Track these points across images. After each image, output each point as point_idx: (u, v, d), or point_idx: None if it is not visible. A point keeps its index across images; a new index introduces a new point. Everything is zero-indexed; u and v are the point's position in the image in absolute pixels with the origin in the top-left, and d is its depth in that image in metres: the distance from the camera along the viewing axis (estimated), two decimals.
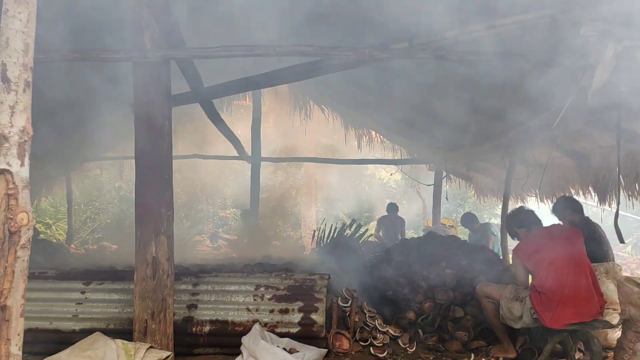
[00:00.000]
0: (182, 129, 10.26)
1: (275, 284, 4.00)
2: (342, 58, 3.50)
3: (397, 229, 9.58)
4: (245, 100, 11.33)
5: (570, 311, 3.45)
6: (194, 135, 10.60)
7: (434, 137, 7.43)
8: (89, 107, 6.37)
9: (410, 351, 4.06)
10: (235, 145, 8.56)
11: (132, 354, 3.05)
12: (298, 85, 9.42)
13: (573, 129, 5.11)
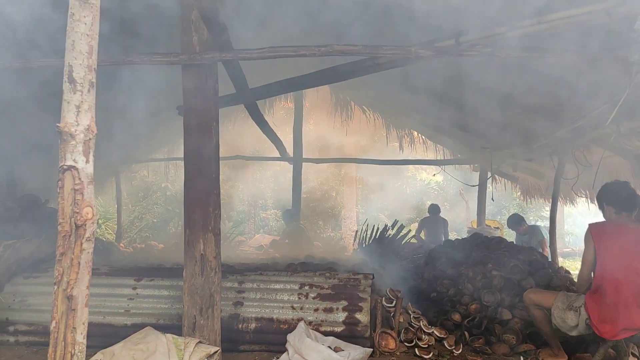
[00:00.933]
0: (224, 130, 10.45)
1: (320, 283, 4.02)
2: (388, 57, 3.50)
3: (440, 230, 9.46)
4: (286, 102, 11.45)
5: (630, 323, 3.28)
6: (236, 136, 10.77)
7: (478, 137, 7.29)
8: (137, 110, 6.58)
9: (456, 353, 3.99)
10: (277, 146, 8.67)
11: (182, 348, 3.14)
12: (339, 86, 9.42)
13: (626, 127, 4.91)
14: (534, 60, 3.96)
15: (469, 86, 5.47)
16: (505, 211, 18.42)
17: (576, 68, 3.85)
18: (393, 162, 10.29)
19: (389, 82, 6.97)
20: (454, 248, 5.82)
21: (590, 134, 4.94)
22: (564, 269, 5.25)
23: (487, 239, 5.71)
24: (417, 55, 3.25)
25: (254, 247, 10.21)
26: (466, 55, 3.20)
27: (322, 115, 11.51)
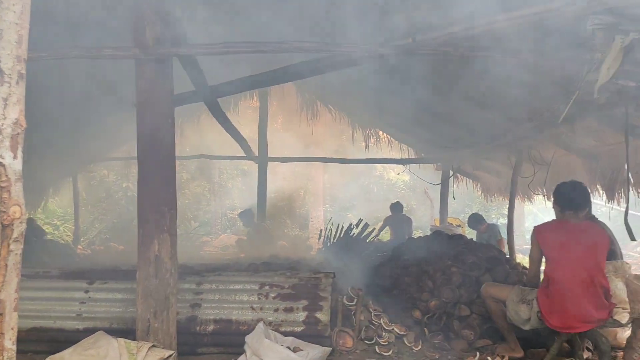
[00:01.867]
0: (188, 129, 10.28)
1: (280, 283, 3.98)
2: (346, 55, 3.48)
3: (404, 228, 9.52)
4: (252, 101, 11.33)
5: (578, 317, 3.37)
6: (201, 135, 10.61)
7: (440, 136, 7.39)
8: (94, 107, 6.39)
9: (415, 350, 4.02)
10: (242, 145, 8.56)
11: (135, 352, 3.05)
12: (305, 86, 9.41)
13: (580, 126, 5.05)
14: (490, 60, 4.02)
15: (429, 86, 5.53)
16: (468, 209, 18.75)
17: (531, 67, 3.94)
18: (359, 161, 10.33)
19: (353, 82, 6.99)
20: (416, 246, 5.87)
21: (545, 133, 5.05)
22: (522, 265, 5.35)
23: (448, 237, 5.78)
24: (375, 52, 3.25)
25: (219, 247, 10.08)
26: (423, 53, 3.21)
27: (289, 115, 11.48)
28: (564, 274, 3.43)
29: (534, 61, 3.36)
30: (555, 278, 3.46)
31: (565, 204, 3.59)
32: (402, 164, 10.36)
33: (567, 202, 3.58)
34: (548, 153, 5.82)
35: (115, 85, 5.99)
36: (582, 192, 3.65)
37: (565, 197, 3.59)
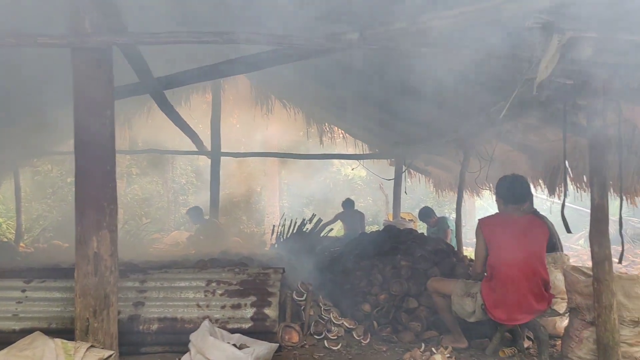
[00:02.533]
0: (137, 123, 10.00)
1: (228, 279, 3.91)
2: (294, 47, 3.45)
3: (356, 223, 9.59)
4: (207, 95, 11.12)
5: (519, 309, 3.48)
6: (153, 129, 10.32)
7: (392, 132, 7.48)
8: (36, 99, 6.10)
9: (364, 343, 4.05)
10: (193, 140, 8.40)
11: (72, 353, 2.93)
12: (259, 79, 9.31)
13: (523, 123, 5.21)
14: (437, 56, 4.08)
15: (380, 82, 5.57)
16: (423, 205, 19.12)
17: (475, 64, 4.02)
18: (313, 156, 10.33)
19: (307, 77, 6.97)
20: (368, 240, 5.91)
21: (491, 130, 5.19)
22: (468, 257, 5.49)
23: (399, 231, 5.85)
24: (324, 46, 3.24)
25: (171, 244, 9.85)
26: (370, 48, 3.22)
27: (243, 109, 11.33)
28: (507, 266, 3.54)
29: (477, 58, 3.42)
30: (498, 270, 3.56)
31: (507, 197, 3.70)
32: (356, 159, 10.42)
33: (509, 195, 3.69)
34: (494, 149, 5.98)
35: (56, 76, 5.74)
36: (522, 186, 3.76)
37: (507, 191, 3.70)
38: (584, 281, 3.51)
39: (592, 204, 3.35)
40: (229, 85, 10.10)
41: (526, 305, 3.49)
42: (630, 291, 3.39)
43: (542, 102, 4.28)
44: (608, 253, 3.30)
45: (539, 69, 3.03)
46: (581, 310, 3.54)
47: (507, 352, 3.82)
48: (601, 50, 3.07)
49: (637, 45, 2.97)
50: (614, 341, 3.22)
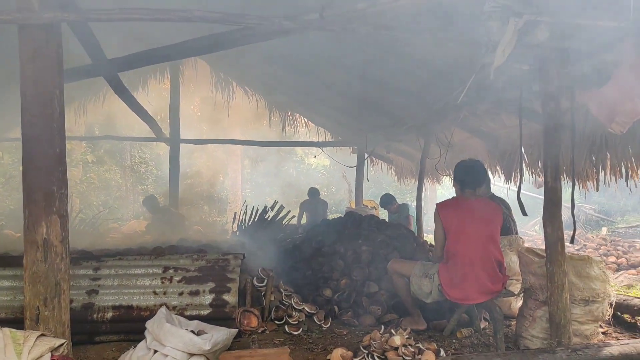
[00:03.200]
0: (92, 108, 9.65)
1: (186, 266, 3.83)
2: (252, 28, 3.37)
3: (319, 211, 9.63)
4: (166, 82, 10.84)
5: (475, 290, 3.55)
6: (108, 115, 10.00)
7: (354, 119, 7.48)
8: None
9: (325, 327, 4.06)
10: (151, 126, 8.18)
11: (21, 342, 2.80)
12: (219, 65, 9.13)
13: (481, 110, 5.31)
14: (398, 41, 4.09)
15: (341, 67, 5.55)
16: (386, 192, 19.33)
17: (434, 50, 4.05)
18: (275, 144, 10.24)
19: (268, 62, 6.87)
20: (330, 227, 5.93)
21: (450, 116, 5.26)
22: (428, 242, 5.58)
23: (360, 217, 5.88)
24: (282, 27, 3.18)
25: (129, 233, 9.59)
26: (329, 29, 3.18)
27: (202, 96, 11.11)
28: (463, 248, 3.60)
29: (436, 41, 3.44)
30: (454, 252, 3.62)
31: (464, 181, 3.75)
32: (318, 146, 10.40)
33: (466, 179, 3.75)
34: (453, 135, 6.07)
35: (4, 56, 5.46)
36: (478, 170, 3.83)
37: (464, 175, 3.76)
38: (537, 262, 3.61)
39: (546, 187, 3.43)
40: (188, 69, 9.87)
41: (481, 285, 3.56)
42: (581, 271, 3.51)
43: (499, 89, 4.36)
44: (560, 235, 3.39)
45: (496, 54, 3.07)
46: (535, 291, 3.65)
47: (464, 333, 3.90)
48: (556, 35, 3.14)
49: (590, 30, 3.04)
50: (565, 320, 3.32)
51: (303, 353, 3.42)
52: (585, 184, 4.60)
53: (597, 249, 9.30)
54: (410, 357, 3.05)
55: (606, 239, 10.55)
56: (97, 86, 8.90)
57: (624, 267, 8.17)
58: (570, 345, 3.21)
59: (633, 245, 9.22)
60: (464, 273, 3.55)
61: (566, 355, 3.04)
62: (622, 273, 7.70)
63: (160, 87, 10.76)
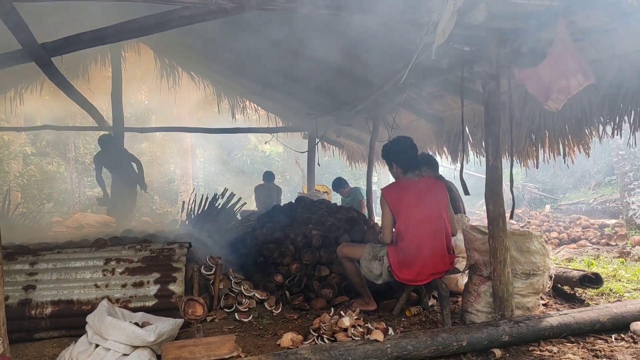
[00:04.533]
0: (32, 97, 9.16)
1: (129, 257, 3.71)
2: (190, 7, 3.26)
3: (273, 197, 9.57)
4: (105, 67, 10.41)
5: (423, 270, 3.60)
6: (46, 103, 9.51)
7: (303, 103, 7.42)
8: None
9: (276, 313, 4.04)
10: (92, 114, 7.85)
11: None
12: (164, 51, 8.85)
13: (426, 91, 5.37)
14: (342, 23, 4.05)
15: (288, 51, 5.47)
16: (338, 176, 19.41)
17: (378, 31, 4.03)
18: (224, 130, 10.03)
19: (213, 47, 6.69)
20: (281, 212, 5.89)
21: (397, 98, 5.29)
22: (379, 225, 5.62)
23: (311, 202, 5.86)
24: (219, 6, 3.09)
25: (74, 226, 9.22)
26: (269, 8, 3.10)
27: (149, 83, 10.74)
28: (412, 230, 3.63)
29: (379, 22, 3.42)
30: (404, 235, 3.65)
31: (408, 164, 3.76)
32: (269, 132, 10.29)
33: (411, 162, 3.76)
34: (400, 118, 6.12)
35: None
36: (416, 149, 3.84)
37: (408, 158, 3.76)
38: (480, 239, 3.70)
39: (487, 166, 3.51)
40: (131, 55, 9.51)
41: (430, 266, 3.61)
42: (522, 246, 3.62)
43: (443, 70, 4.41)
44: (502, 211, 3.49)
45: (437, 34, 3.08)
46: (479, 267, 3.74)
47: (413, 311, 3.97)
48: (494, 16, 3.19)
49: (525, 10, 3.10)
50: (508, 293, 3.43)
51: (253, 339, 3.39)
52: (526, 162, 4.74)
53: (540, 226, 9.69)
54: (360, 337, 3.07)
55: (549, 215, 11.01)
56: (35, 73, 8.44)
57: (565, 242, 8.56)
58: (512, 317, 3.33)
59: (573, 221, 9.67)
60: (413, 255, 3.58)
61: (509, 327, 3.15)
62: (564, 247, 8.06)
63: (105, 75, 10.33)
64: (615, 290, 4.61)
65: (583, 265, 6.14)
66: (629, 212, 8.89)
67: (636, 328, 3.35)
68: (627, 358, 2.92)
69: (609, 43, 3.33)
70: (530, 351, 3.07)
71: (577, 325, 3.30)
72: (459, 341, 2.99)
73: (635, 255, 6.69)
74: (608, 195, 13.16)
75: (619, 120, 3.64)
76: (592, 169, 15.44)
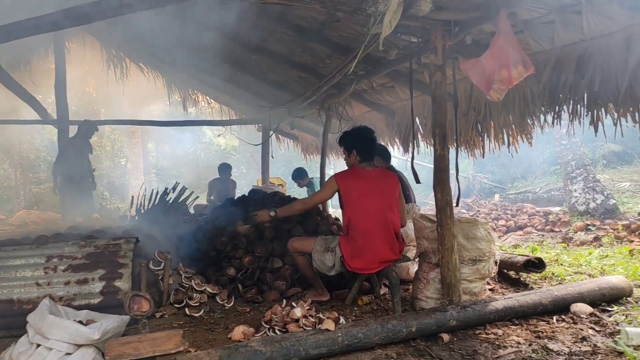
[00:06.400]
0: None
1: (72, 253, 3.57)
2: None
3: (228, 191, 9.42)
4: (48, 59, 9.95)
5: (374, 259, 3.64)
6: None
7: (255, 95, 7.35)
8: None
9: (228, 306, 3.99)
10: (34, 107, 7.50)
11: None
12: (109, 41, 8.55)
13: (378, 83, 5.41)
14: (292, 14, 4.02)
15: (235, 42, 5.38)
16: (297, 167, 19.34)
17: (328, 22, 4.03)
18: (176, 123, 9.81)
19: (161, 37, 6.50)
20: (234, 205, 5.81)
21: (349, 90, 5.31)
22: (333, 217, 5.64)
23: (265, 194, 5.82)
24: None
25: (17, 224, 8.83)
26: None
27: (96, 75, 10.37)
28: (363, 220, 3.66)
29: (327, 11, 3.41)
30: (355, 223, 3.67)
31: (366, 154, 3.80)
32: (221, 125, 10.13)
33: (368, 152, 3.80)
34: (353, 110, 6.15)
35: None
36: (374, 139, 3.88)
37: (366, 147, 3.80)
38: (429, 227, 3.78)
39: (435, 155, 3.58)
40: (76, 46, 9.14)
41: (381, 255, 3.66)
42: (469, 233, 3.72)
43: (392, 62, 4.46)
44: (449, 199, 3.56)
45: (383, 24, 3.10)
46: (428, 254, 3.83)
47: (365, 300, 4.01)
48: (439, 7, 3.24)
49: (469, 2, 3.17)
50: (455, 279, 3.52)
51: (203, 334, 3.34)
52: (473, 152, 4.87)
53: (489, 214, 10.01)
54: (311, 327, 3.08)
55: (497, 204, 11.38)
56: None
57: (512, 229, 8.88)
58: (460, 302, 3.42)
59: (520, 209, 10.04)
60: (364, 244, 3.62)
61: (456, 312, 3.24)
62: (510, 234, 8.36)
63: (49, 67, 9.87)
64: (558, 274, 4.82)
65: (528, 251, 6.38)
66: (571, 199, 9.30)
67: (576, 309, 3.51)
68: (567, 338, 3.05)
69: (548, 35, 3.45)
70: (477, 335, 3.16)
71: (520, 308, 3.42)
72: (409, 327, 3.05)
73: (577, 241, 7.01)
74: (553, 184, 13.74)
75: (558, 110, 3.78)
76: (538, 159, 16.07)
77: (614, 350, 2.80)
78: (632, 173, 12.82)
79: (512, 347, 2.91)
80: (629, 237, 6.72)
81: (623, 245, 6.34)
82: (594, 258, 5.59)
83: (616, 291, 3.78)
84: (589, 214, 8.85)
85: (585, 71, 3.40)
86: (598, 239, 6.88)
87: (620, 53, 3.11)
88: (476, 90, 4.30)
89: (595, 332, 3.13)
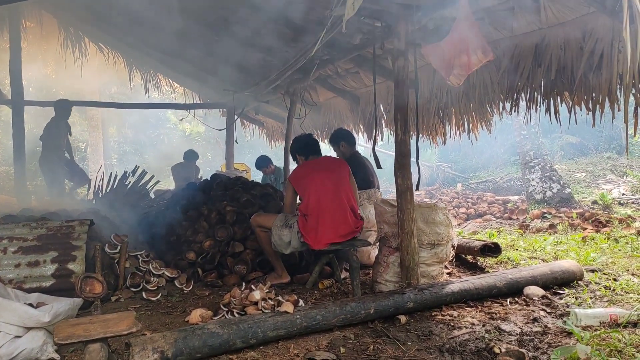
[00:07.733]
0: None
1: (22, 235, 3.44)
2: None
3: (191, 176, 9.27)
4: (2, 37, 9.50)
5: (328, 231, 3.70)
6: None
7: (218, 78, 7.22)
8: None
9: (186, 290, 3.94)
10: None
11: None
12: (68, 19, 8.22)
13: (342, 68, 5.40)
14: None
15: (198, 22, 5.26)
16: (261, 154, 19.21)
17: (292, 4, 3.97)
18: (136, 105, 9.55)
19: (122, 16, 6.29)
20: (196, 190, 5.72)
21: (313, 75, 5.27)
22: None
23: (227, 179, 5.74)
24: None
25: None
26: None
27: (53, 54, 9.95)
28: (315, 195, 3.79)
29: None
30: (310, 200, 3.79)
31: (308, 152, 4.08)
32: (185, 109, 9.93)
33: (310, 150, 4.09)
34: (318, 95, 6.12)
35: None
36: (314, 142, 4.17)
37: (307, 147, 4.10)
38: (390, 211, 3.82)
39: (396, 140, 3.60)
40: (33, 24, 8.75)
41: (335, 227, 3.76)
42: (428, 217, 3.77)
43: (356, 46, 4.45)
44: (410, 184, 3.60)
45: (347, 6, 3.07)
46: (388, 238, 3.86)
47: (326, 284, 4.03)
48: None
49: None
50: (414, 263, 3.57)
51: (160, 317, 3.28)
52: (435, 138, 4.93)
53: (450, 202, 10.21)
54: (270, 309, 3.06)
55: (459, 192, 11.62)
56: None
57: (473, 217, 9.08)
58: (418, 285, 3.47)
59: (480, 197, 10.27)
60: (318, 217, 3.74)
61: (414, 294, 3.28)
62: (470, 222, 8.55)
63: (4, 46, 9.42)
64: (513, 258, 4.95)
65: (486, 237, 6.54)
66: (529, 188, 9.56)
67: (529, 292, 3.62)
68: (519, 319, 3.14)
69: (508, 23, 3.50)
70: (433, 316, 3.22)
71: (476, 290, 3.50)
72: (367, 309, 3.07)
73: (533, 228, 7.23)
74: (513, 174, 14.08)
75: (516, 98, 3.86)
76: (499, 150, 16.44)
77: (563, 330, 2.90)
78: (588, 164, 13.26)
79: (466, 328, 2.98)
80: (582, 224, 6.97)
81: (577, 232, 6.56)
82: (549, 244, 5.77)
83: (568, 275, 3.91)
84: (545, 203, 9.12)
85: (542, 59, 3.47)
86: (553, 226, 7.11)
87: (576, 41, 3.18)
88: (438, 77, 4.35)
89: (546, 314, 3.23)
